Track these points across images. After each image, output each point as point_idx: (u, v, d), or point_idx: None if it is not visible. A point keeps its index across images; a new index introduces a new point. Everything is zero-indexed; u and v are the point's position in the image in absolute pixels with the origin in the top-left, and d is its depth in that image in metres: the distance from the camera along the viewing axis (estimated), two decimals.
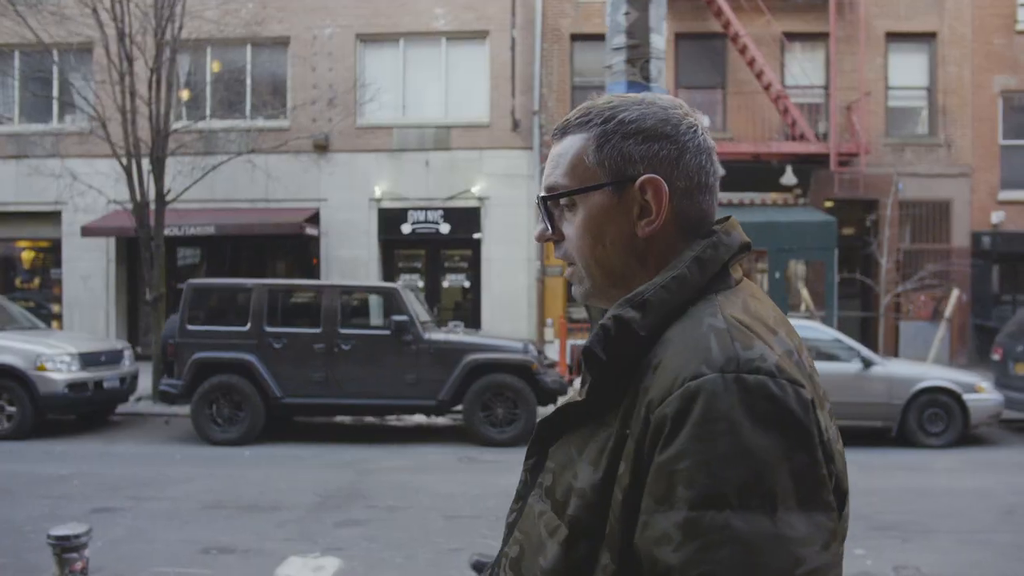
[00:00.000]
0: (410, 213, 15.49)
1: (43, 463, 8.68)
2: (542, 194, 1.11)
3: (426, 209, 15.47)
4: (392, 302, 9.75)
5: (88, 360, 10.39)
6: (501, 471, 8.14)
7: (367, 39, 15.74)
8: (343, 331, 9.64)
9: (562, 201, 1.09)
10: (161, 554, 5.61)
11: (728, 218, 1.11)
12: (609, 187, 1.05)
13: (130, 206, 13.22)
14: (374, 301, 10.40)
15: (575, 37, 15.39)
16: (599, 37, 15.58)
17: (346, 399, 9.70)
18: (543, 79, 15.25)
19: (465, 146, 15.42)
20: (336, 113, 15.17)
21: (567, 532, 0.98)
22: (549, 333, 14.79)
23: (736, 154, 14.52)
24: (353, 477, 8.03)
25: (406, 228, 15.50)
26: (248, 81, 15.83)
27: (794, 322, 10.20)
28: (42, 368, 9.94)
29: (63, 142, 16.10)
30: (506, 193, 15.29)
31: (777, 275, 13.83)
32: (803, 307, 13.91)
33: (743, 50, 14.45)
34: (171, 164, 13.10)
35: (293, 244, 16.17)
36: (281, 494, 7.33)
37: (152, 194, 12.84)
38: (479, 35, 15.61)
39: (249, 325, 9.65)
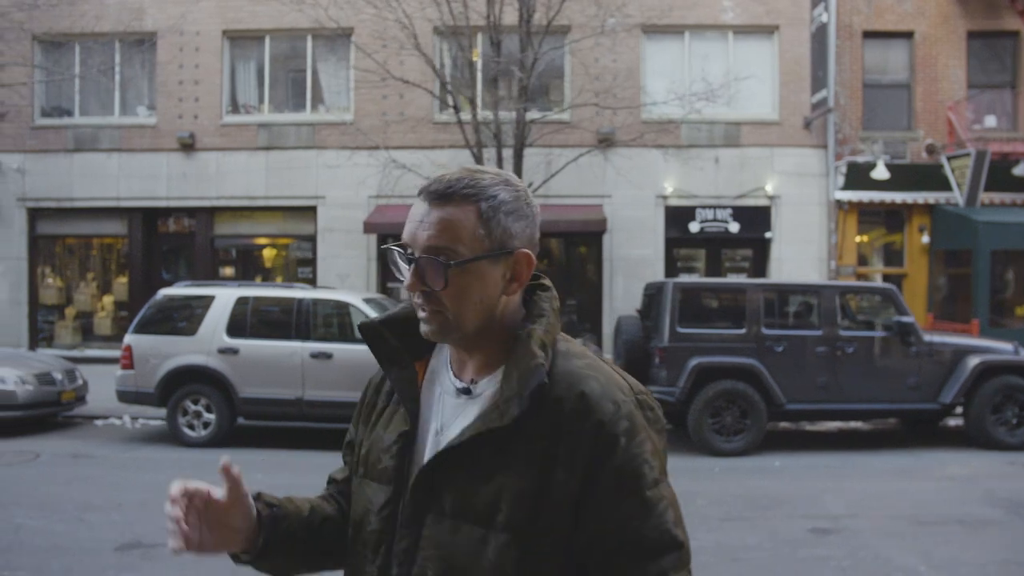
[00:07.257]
0: (698, 211, 15.00)
1: None
2: (420, 255, 1.22)
3: (715, 207, 14.99)
4: (891, 303, 9.33)
5: None
6: None
7: (651, 30, 15.20)
8: (844, 333, 9.19)
9: (445, 260, 1.21)
10: None
11: (542, 274, 1.35)
12: (495, 256, 1.23)
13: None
14: (862, 303, 9.98)
15: (867, 34, 15.09)
16: (891, 35, 15.36)
17: (847, 404, 9.26)
18: (837, 77, 14.90)
19: (755, 143, 14.99)
20: (619, 106, 14.56)
21: (508, 536, 1.17)
22: None
23: None
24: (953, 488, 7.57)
25: (694, 227, 14.99)
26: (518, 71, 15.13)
27: None
28: None
29: (318, 134, 15.25)
30: (797, 192, 14.90)
31: None
32: None
33: None
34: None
35: (568, 242, 15.55)
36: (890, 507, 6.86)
37: None
38: (768, 29, 15.20)
39: (746, 327, 9.13)
